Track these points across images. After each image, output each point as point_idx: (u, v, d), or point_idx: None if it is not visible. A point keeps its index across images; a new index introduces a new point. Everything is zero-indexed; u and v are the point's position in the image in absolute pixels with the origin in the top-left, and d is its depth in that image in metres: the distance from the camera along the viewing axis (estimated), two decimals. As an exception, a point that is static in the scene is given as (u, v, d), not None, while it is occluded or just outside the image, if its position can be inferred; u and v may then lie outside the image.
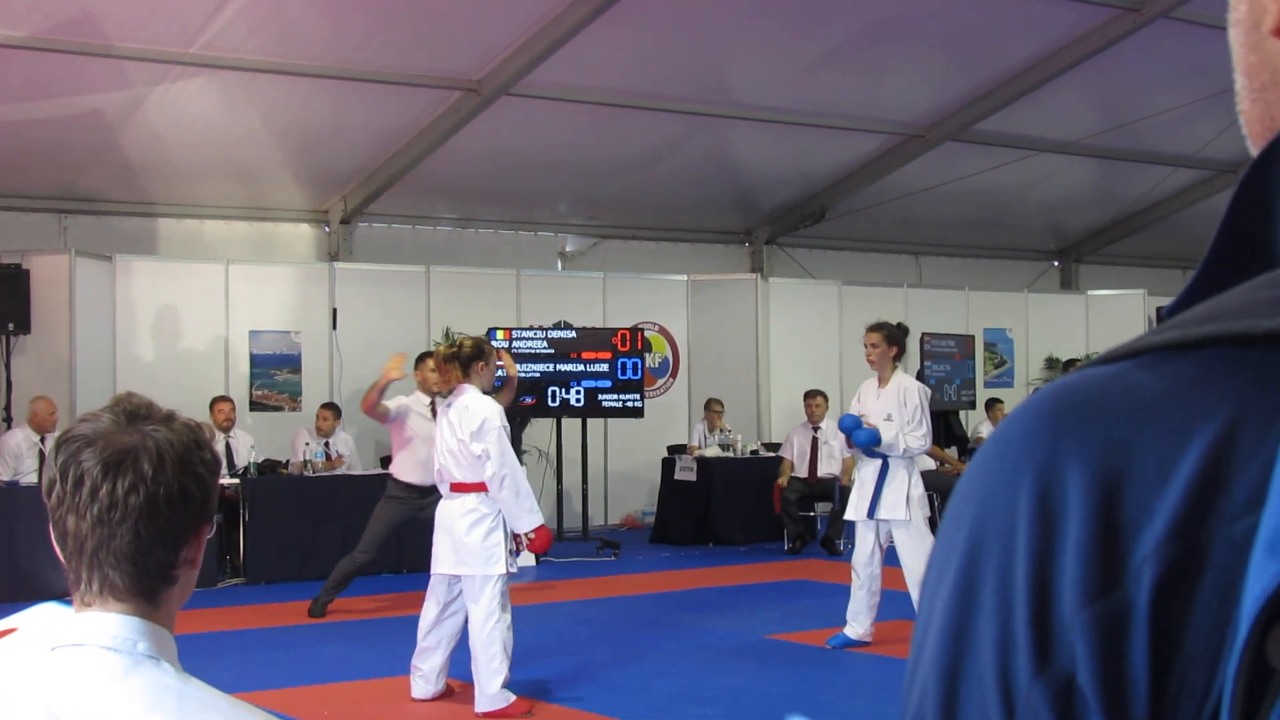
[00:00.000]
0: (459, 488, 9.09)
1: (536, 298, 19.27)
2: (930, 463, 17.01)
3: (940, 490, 16.51)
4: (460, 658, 9.29)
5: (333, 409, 16.23)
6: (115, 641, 2.10)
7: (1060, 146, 20.00)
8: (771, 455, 18.17)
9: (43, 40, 13.77)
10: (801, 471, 17.34)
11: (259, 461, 15.14)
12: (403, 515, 12.37)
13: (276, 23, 14.22)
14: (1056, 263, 25.19)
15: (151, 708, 2.03)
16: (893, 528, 10.79)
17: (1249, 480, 0.72)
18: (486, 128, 16.70)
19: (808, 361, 20.20)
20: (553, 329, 17.55)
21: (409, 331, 17.73)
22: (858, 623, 10.94)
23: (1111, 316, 22.52)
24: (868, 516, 10.77)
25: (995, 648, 0.77)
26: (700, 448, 18.28)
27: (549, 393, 17.21)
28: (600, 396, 17.32)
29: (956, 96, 18.19)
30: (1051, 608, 0.75)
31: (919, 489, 10.83)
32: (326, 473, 15.33)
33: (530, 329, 17.53)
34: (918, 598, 0.87)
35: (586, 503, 17.92)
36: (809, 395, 17.71)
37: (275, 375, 17.70)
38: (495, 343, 17.10)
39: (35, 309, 15.68)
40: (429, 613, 9.34)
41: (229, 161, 17.01)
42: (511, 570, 9.06)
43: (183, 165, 16.90)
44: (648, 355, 19.17)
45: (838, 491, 16.23)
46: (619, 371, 17.31)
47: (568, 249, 20.98)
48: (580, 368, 17.27)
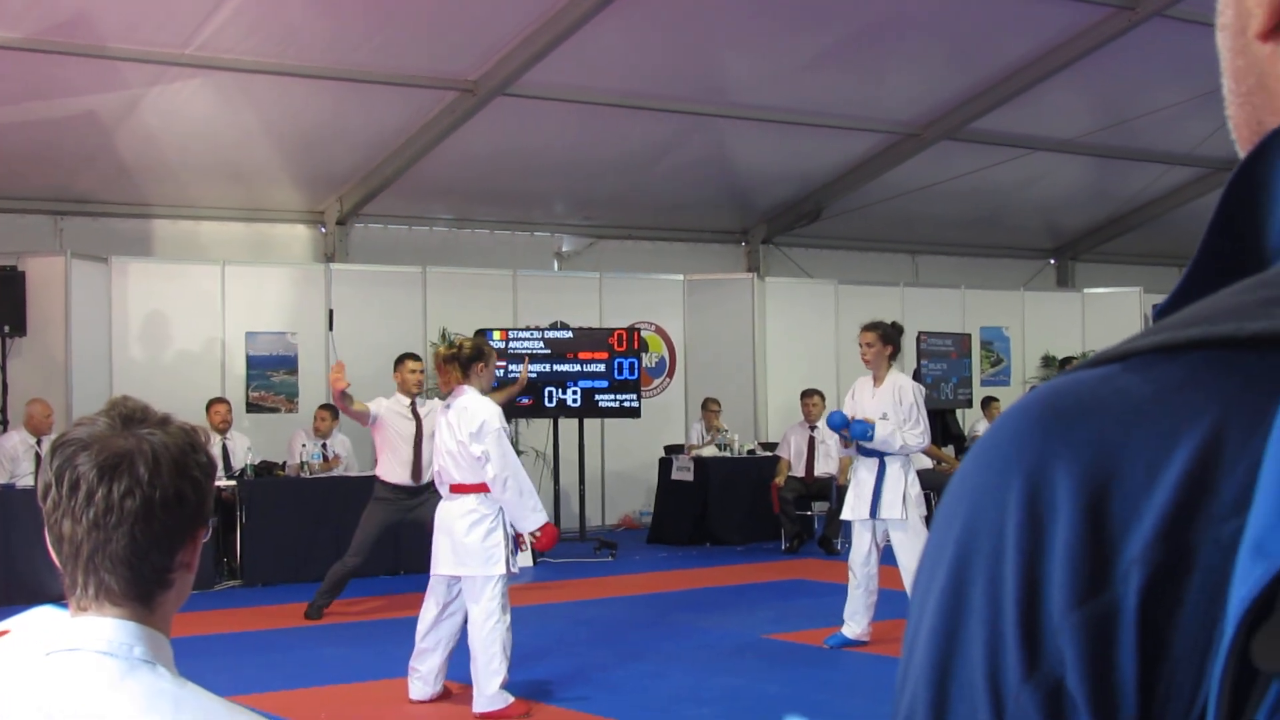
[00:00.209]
0: (458, 489, 9.08)
1: (533, 298, 19.27)
2: (927, 461, 17.03)
3: (937, 488, 16.51)
4: (459, 659, 9.29)
5: (331, 409, 16.20)
6: (111, 646, 2.10)
7: (1056, 145, 20.00)
8: (768, 455, 18.16)
9: (38, 41, 13.77)
10: (798, 471, 17.34)
11: (255, 463, 15.13)
12: (391, 517, 12.37)
13: (272, 24, 14.21)
14: (1052, 261, 25.21)
15: (147, 712, 2.03)
16: (889, 527, 10.79)
17: (1236, 483, 0.72)
18: (482, 128, 16.70)
19: (804, 361, 20.21)
20: (549, 329, 17.54)
21: (405, 332, 17.73)
22: (855, 622, 10.94)
23: (1108, 314, 22.53)
24: (870, 516, 10.77)
25: (985, 650, 0.77)
26: (699, 445, 18.29)
27: (546, 393, 17.20)
28: (597, 397, 17.32)
29: (952, 95, 18.19)
30: (1040, 610, 0.75)
31: (916, 488, 10.82)
32: (323, 474, 15.32)
33: (527, 329, 17.52)
34: (911, 598, 0.88)
35: (584, 503, 17.92)
36: (806, 395, 17.72)
37: (272, 377, 17.69)
38: (492, 344, 17.15)
39: (31, 311, 15.68)
40: (428, 614, 9.34)
41: (225, 163, 17.00)
42: (513, 570, 9.06)
43: (178, 166, 16.89)
44: (644, 355, 19.17)
45: (835, 491, 16.23)
46: (616, 371, 17.30)
47: (564, 249, 20.98)
48: (577, 368, 17.27)
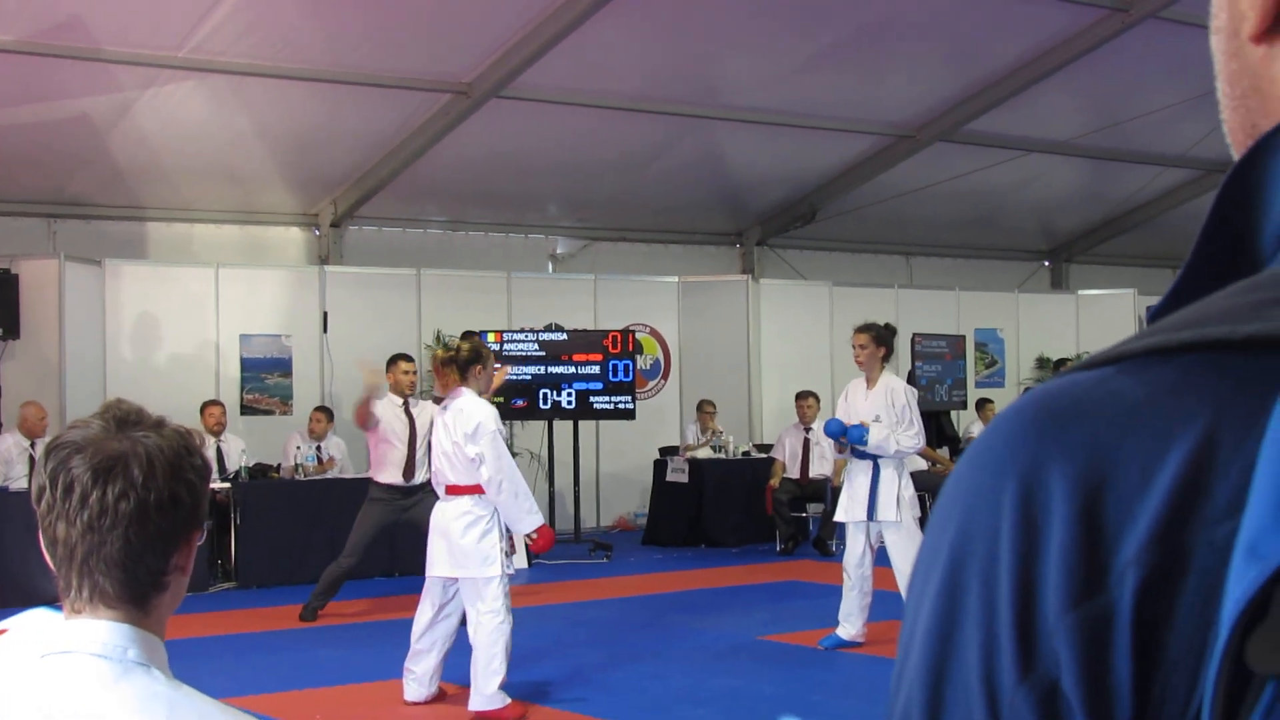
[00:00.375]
0: (453, 490, 9.08)
1: (527, 300, 19.27)
2: (922, 463, 17.03)
3: (931, 490, 16.51)
4: (454, 661, 9.29)
5: (326, 412, 16.24)
6: (105, 649, 2.10)
7: (1050, 147, 20.02)
8: (763, 456, 18.17)
9: (31, 44, 13.75)
10: (793, 472, 17.35)
11: (250, 465, 15.13)
12: (386, 517, 12.36)
13: (265, 26, 14.20)
14: (1047, 262, 25.21)
15: (141, 715, 2.03)
16: (884, 529, 10.79)
17: (1229, 485, 0.73)
18: (477, 130, 16.69)
19: (799, 362, 20.21)
20: (544, 331, 17.53)
21: (400, 334, 17.71)
22: (850, 623, 10.95)
23: (1102, 316, 22.54)
24: (865, 519, 10.78)
25: (980, 652, 0.78)
26: (695, 447, 18.29)
27: (540, 395, 17.19)
28: (591, 398, 17.30)
29: (946, 97, 18.20)
30: (1035, 612, 0.76)
31: (909, 490, 10.82)
32: (318, 476, 15.31)
33: (521, 331, 17.51)
34: (906, 600, 0.88)
35: (578, 505, 17.90)
36: (800, 396, 17.73)
37: (266, 379, 17.68)
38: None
39: (24, 314, 15.66)
40: (423, 615, 9.33)
41: (219, 165, 16.98)
42: (509, 572, 9.05)
43: (172, 169, 16.88)
44: (639, 357, 19.17)
45: (829, 492, 16.24)
46: (610, 373, 17.29)
47: (558, 251, 20.97)
48: (571, 370, 17.25)
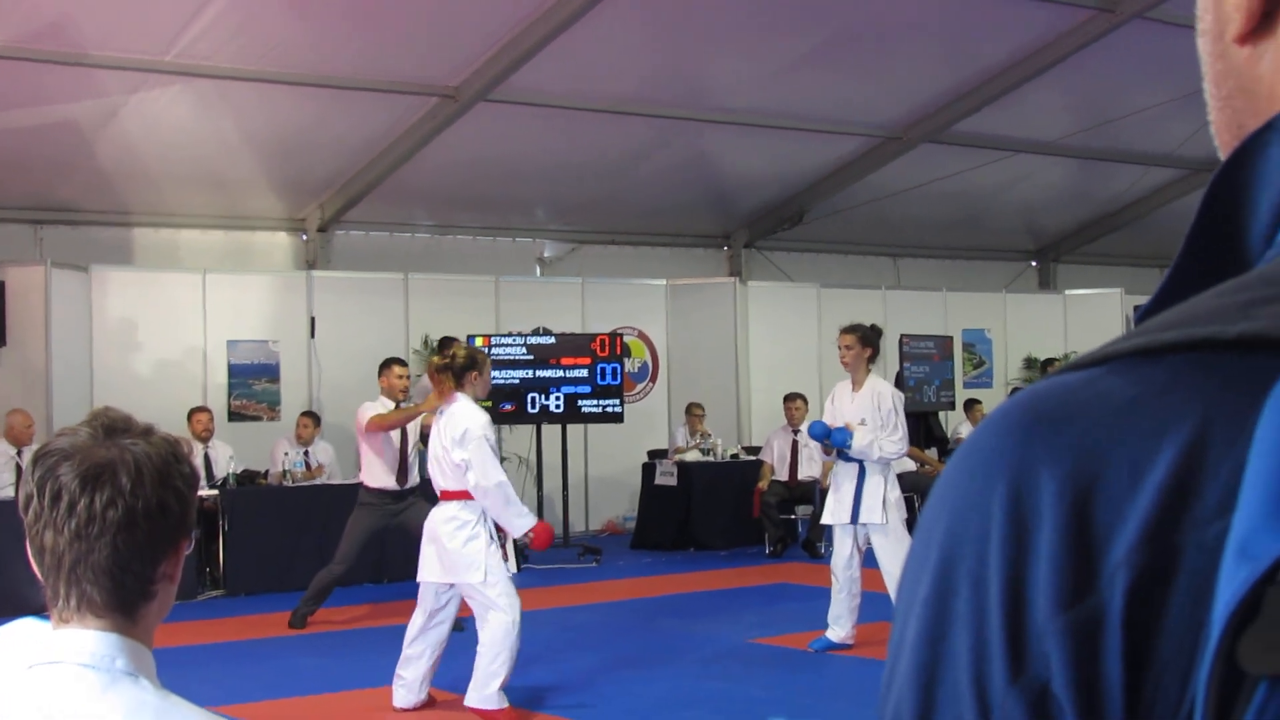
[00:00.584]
0: (444, 495, 9.11)
1: (515, 304, 19.28)
2: (910, 464, 17.05)
3: (920, 492, 16.54)
4: (444, 668, 9.28)
5: (312, 417, 16.22)
6: (93, 658, 2.09)
7: (1037, 147, 20.05)
8: (752, 459, 18.18)
9: (16, 49, 13.73)
10: (782, 475, 17.36)
11: (238, 472, 15.10)
12: (378, 522, 12.36)
13: (252, 31, 14.19)
14: (1034, 263, 25.24)
15: (130, 723, 2.03)
16: (870, 531, 10.80)
17: (1219, 485, 0.73)
18: (463, 134, 16.69)
19: (787, 364, 20.22)
20: (532, 335, 17.52)
21: (388, 339, 17.71)
22: (839, 626, 10.96)
23: (1089, 315, 22.57)
24: (850, 521, 10.78)
25: (970, 655, 0.77)
26: (684, 449, 18.30)
27: (528, 399, 17.17)
28: (580, 402, 17.29)
29: (933, 98, 18.22)
30: (1025, 615, 0.75)
31: (896, 492, 10.83)
32: (306, 483, 15.29)
33: (509, 335, 17.50)
34: (895, 603, 0.88)
35: (567, 509, 17.89)
36: (789, 398, 17.75)
37: (253, 385, 17.66)
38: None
39: (10, 320, 15.64)
40: (416, 620, 9.33)
41: (205, 170, 16.96)
42: (511, 571, 9.04)
43: (158, 174, 16.85)
44: (627, 360, 19.17)
45: (818, 494, 16.23)
46: (598, 377, 17.28)
47: (546, 255, 20.97)
48: (559, 373, 17.24)
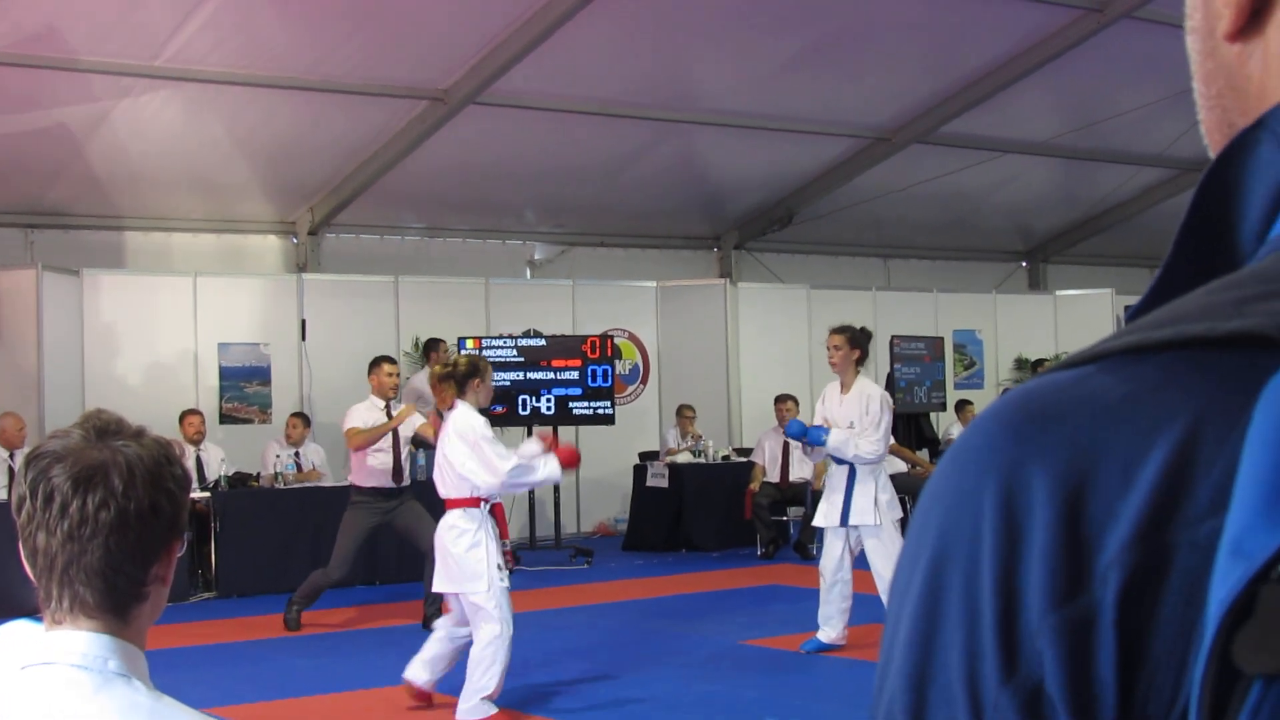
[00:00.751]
0: (448, 504, 9.14)
1: (506, 306, 19.27)
2: (902, 465, 17.06)
3: (912, 493, 16.52)
4: (452, 675, 9.27)
5: (302, 418, 16.22)
6: (85, 660, 2.09)
7: (1026, 147, 20.06)
8: (743, 460, 18.18)
9: (7, 54, 13.71)
10: (773, 476, 17.36)
11: (230, 474, 15.10)
12: (370, 521, 12.35)
13: (241, 34, 14.19)
14: (1024, 263, 25.26)
15: (123, 726, 2.03)
16: (862, 533, 10.81)
17: (1212, 483, 0.73)
18: (453, 137, 16.69)
19: (778, 366, 20.22)
20: (522, 337, 17.52)
21: (378, 342, 17.68)
22: (830, 627, 10.96)
23: (1080, 316, 22.57)
24: (840, 524, 10.78)
25: (962, 655, 0.77)
26: (676, 451, 18.30)
27: (519, 401, 17.15)
28: (571, 404, 17.28)
29: (922, 99, 18.23)
30: (1017, 614, 0.75)
31: (887, 493, 10.82)
32: (297, 485, 15.28)
33: (500, 337, 17.49)
34: (887, 604, 0.88)
35: (559, 511, 17.89)
36: (779, 399, 17.75)
37: (245, 388, 17.65)
38: (465, 352, 17.13)
39: (2, 324, 15.63)
40: (450, 618, 9.35)
41: (195, 174, 16.95)
42: (504, 585, 9.02)
43: (149, 178, 16.84)
44: (618, 362, 19.17)
45: (809, 496, 16.23)
46: (589, 379, 17.26)
47: (536, 257, 20.97)
48: (550, 375, 17.22)
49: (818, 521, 11.16)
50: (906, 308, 21.76)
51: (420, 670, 9.30)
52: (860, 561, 10.91)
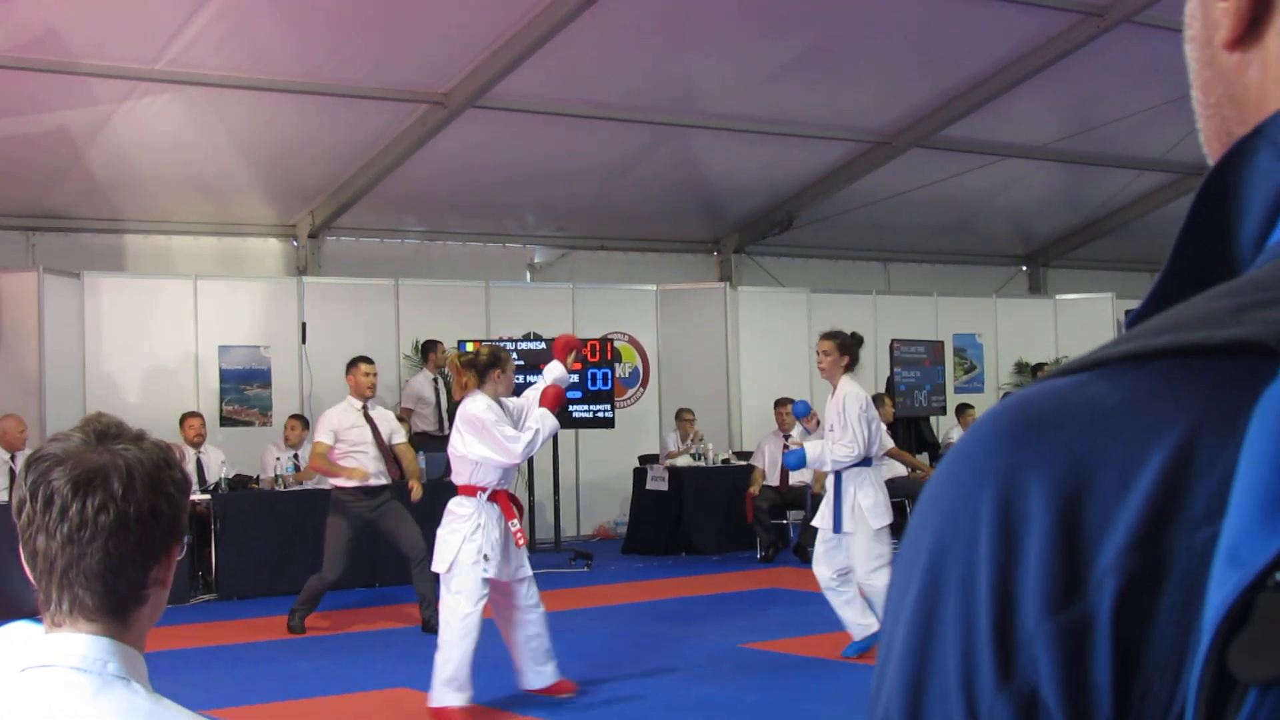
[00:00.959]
0: (458, 490, 9.19)
1: (505, 309, 19.26)
2: (901, 469, 17.06)
3: (910, 496, 16.53)
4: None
5: (301, 420, 16.22)
6: (85, 662, 2.09)
7: (1026, 152, 20.07)
8: (743, 464, 18.17)
9: (8, 58, 13.72)
10: (773, 480, 17.34)
11: (230, 477, 15.10)
12: (355, 520, 12.35)
13: (242, 38, 14.19)
14: (1024, 267, 25.25)
15: (122, 728, 2.03)
16: (844, 538, 10.78)
17: (1209, 490, 0.73)
18: (453, 140, 16.69)
19: (778, 369, 20.21)
20: (522, 340, 17.51)
21: (379, 345, 17.71)
22: (858, 626, 10.75)
23: (1080, 320, 22.57)
24: (835, 531, 10.75)
25: (958, 661, 0.77)
26: (676, 454, 18.30)
27: (519, 404, 17.12)
28: (570, 407, 17.24)
29: (922, 103, 18.23)
30: (1014, 620, 0.76)
31: (869, 499, 10.69)
32: (297, 487, 15.28)
33: (500, 341, 17.47)
34: (881, 609, 0.88)
35: (558, 514, 17.89)
36: (779, 403, 17.74)
37: (245, 390, 17.65)
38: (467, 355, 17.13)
39: (4, 326, 15.64)
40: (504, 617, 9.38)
41: (196, 177, 16.96)
42: (485, 574, 9.01)
43: (150, 181, 16.85)
44: (618, 365, 19.16)
45: (809, 499, 16.22)
46: (589, 382, 17.26)
47: (536, 260, 20.97)
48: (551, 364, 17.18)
49: (815, 521, 11.15)
50: (906, 311, 21.76)
51: (531, 678, 9.36)
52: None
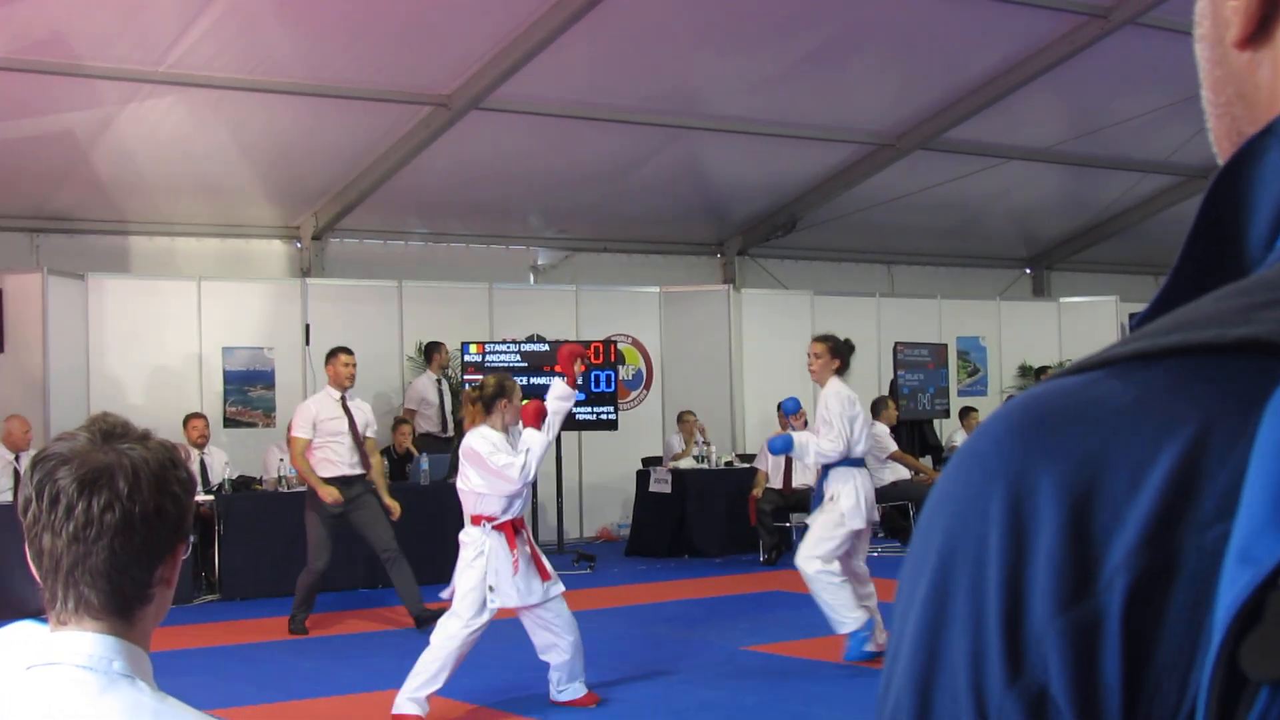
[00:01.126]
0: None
1: (509, 311, 19.26)
2: (904, 472, 17.06)
3: (914, 499, 16.54)
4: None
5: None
6: (90, 661, 2.10)
7: (1030, 154, 20.06)
8: (746, 466, 18.16)
9: (13, 60, 13.74)
10: (776, 482, 17.33)
11: (233, 478, 15.11)
12: (332, 509, 12.37)
13: (245, 40, 14.20)
14: (1028, 270, 25.24)
15: (127, 727, 2.03)
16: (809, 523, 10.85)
17: (1219, 488, 0.73)
18: (457, 142, 16.69)
19: (781, 372, 20.18)
20: (525, 342, 17.51)
21: (382, 346, 17.74)
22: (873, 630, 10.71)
23: (1084, 323, 22.56)
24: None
25: (968, 659, 0.77)
26: (679, 456, 18.29)
27: (523, 406, 17.12)
28: (574, 409, 17.23)
29: (925, 105, 18.22)
30: (1023, 618, 0.75)
31: (850, 499, 10.61)
32: (300, 488, 15.26)
33: (503, 342, 17.50)
34: (894, 607, 0.88)
35: (561, 516, 17.89)
36: (780, 406, 17.72)
37: (249, 391, 17.65)
38: (469, 357, 17.14)
39: (8, 328, 15.65)
40: (536, 640, 9.41)
41: (200, 179, 16.97)
42: (492, 605, 9.05)
43: (154, 183, 16.86)
44: (621, 367, 19.16)
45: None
46: (592, 384, 17.27)
47: (540, 262, 20.97)
48: (553, 381, 17.19)
49: (809, 520, 11.18)
50: (910, 314, 21.75)
51: (555, 692, 9.37)
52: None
